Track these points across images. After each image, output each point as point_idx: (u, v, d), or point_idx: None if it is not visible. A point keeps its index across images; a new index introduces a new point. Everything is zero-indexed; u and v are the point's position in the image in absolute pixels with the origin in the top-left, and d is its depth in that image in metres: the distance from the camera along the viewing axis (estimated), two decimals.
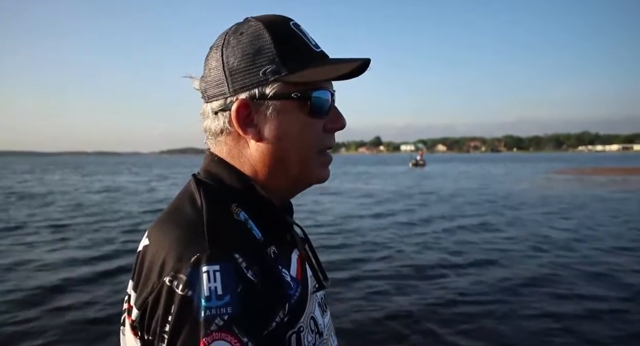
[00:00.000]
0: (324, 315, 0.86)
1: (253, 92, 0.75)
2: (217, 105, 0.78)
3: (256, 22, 0.77)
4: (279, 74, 0.74)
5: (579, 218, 12.50)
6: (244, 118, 0.76)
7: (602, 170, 40.16)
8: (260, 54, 0.74)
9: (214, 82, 0.78)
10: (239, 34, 0.77)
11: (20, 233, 10.82)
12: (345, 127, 0.82)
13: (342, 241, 9.67)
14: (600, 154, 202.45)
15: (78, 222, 12.54)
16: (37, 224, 12.06)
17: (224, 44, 0.77)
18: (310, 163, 0.80)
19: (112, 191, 23.19)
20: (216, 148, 0.81)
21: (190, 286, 0.62)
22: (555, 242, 9.42)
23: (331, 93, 0.80)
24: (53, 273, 7.10)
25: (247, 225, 0.74)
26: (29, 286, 6.37)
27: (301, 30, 0.79)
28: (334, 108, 0.81)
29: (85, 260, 7.94)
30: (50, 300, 5.83)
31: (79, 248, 9.10)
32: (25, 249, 9.03)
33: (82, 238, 10.09)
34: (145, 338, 0.68)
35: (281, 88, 0.75)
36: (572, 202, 16.51)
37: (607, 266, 7.32)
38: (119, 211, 14.84)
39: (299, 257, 0.83)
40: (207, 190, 0.76)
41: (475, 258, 8.02)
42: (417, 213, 13.90)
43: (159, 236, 0.72)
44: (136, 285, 0.72)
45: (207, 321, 0.60)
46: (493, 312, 5.35)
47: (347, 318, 5.13)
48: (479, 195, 19.33)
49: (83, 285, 6.51)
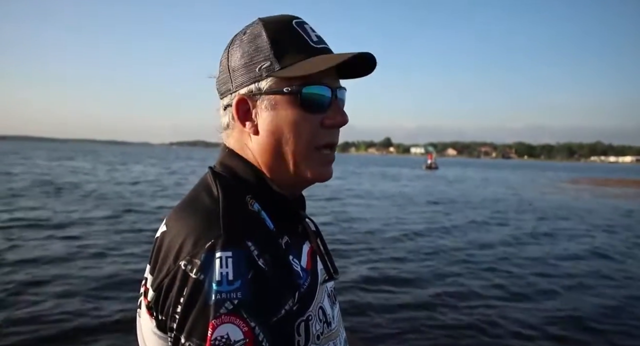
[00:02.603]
0: (334, 306, 0.89)
1: (250, 88, 0.79)
2: (226, 101, 0.83)
3: (258, 21, 0.81)
4: (273, 70, 0.77)
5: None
6: (244, 113, 0.81)
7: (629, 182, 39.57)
8: (257, 51, 0.78)
9: (223, 80, 0.83)
10: (243, 34, 0.81)
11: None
12: (346, 124, 0.82)
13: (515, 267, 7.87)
14: (615, 165, 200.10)
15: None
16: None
17: (231, 43, 0.82)
18: (305, 158, 0.80)
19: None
20: (227, 141, 0.86)
21: (203, 270, 0.65)
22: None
23: (333, 89, 0.80)
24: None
25: (260, 216, 0.76)
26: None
27: (303, 28, 0.80)
28: (335, 104, 0.81)
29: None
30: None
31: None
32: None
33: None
34: (159, 319, 0.72)
35: (275, 83, 0.77)
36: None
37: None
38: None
39: (309, 249, 0.86)
40: (222, 181, 0.79)
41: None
42: (515, 226, 12.33)
43: (177, 223, 0.75)
44: (153, 269, 0.75)
45: (217, 305, 0.63)
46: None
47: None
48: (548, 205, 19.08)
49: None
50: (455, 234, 10.87)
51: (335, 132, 0.83)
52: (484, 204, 17.89)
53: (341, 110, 0.82)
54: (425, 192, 22.89)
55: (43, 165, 33.30)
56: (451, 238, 10.34)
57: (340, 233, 10.23)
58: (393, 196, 20.06)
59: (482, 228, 11.91)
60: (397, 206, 16.29)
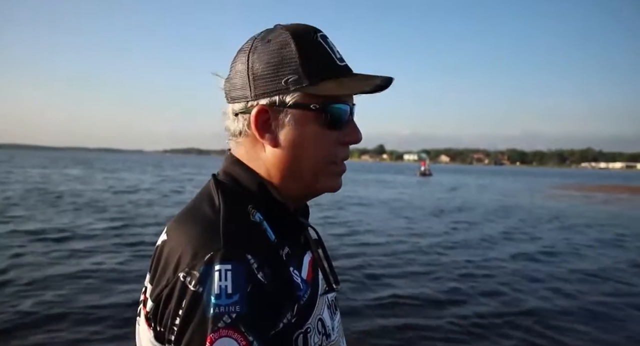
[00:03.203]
0: (334, 317, 0.88)
1: (274, 99, 0.77)
2: (239, 107, 0.80)
3: (284, 31, 0.78)
4: (300, 84, 0.75)
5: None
6: (262, 123, 0.78)
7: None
8: (284, 63, 0.76)
9: (238, 84, 0.80)
10: (267, 41, 0.78)
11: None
12: (360, 142, 0.83)
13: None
14: (604, 172, 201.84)
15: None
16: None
17: (252, 49, 0.79)
18: (322, 173, 0.81)
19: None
20: (236, 149, 0.84)
21: (201, 283, 0.65)
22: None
23: (350, 106, 0.81)
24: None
25: (262, 226, 0.76)
26: None
27: (327, 43, 0.80)
28: (351, 121, 0.82)
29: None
30: None
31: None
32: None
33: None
34: (157, 330, 0.71)
35: (301, 98, 0.76)
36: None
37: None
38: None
39: (311, 259, 0.85)
40: (225, 190, 0.78)
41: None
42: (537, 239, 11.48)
43: (177, 232, 0.74)
44: (152, 278, 0.74)
45: (216, 318, 0.62)
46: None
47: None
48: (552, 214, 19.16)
49: None
50: (474, 247, 10.55)
51: (348, 147, 0.84)
52: (496, 214, 17.44)
53: (357, 128, 0.83)
54: (425, 200, 22.87)
55: (37, 174, 32.91)
56: (456, 251, 10.16)
57: (343, 243, 10.11)
58: (394, 203, 19.99)
59: (507, 242, 11.13)
60: (404, 217, 16.02)
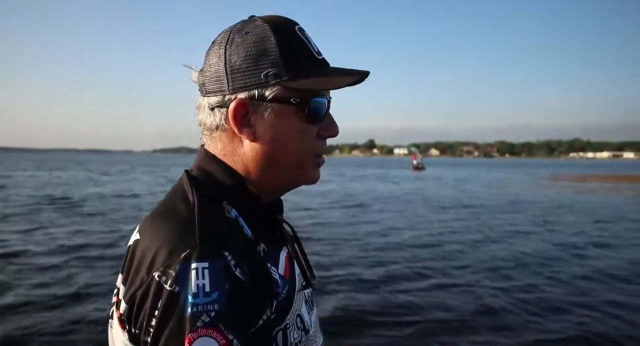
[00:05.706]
0: (311, 313, 0.87)
1: (252, 92, 0.75)
2: (215, 101, 0.78)
3: (262, 23, 0.77)
4: (280, 78, 0.75)
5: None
6: (241, 117, 0.76)
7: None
8: (263, 56, 0.75)
9: (214, 77, 0.78)
10: (244, 33, 0.77)
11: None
12: (337, 135, 0.84)
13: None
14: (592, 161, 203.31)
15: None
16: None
17: (228, 41, 0.77)
18: (303, 166, 0.81)
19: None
20: (211, 145, 0.82)
21: (178, 282, 0.63)
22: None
23: (328, 100, 0.81)
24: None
25: (237, 223, 0.75)
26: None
27: (305, 36, 0.79)
28: (329, 115, 0.82)
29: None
30: None
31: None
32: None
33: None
34: (132, 332, 0.69)
35: (281, 92, 0.75)
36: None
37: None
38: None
39: (287, 254, 0.84)
40: (199, 186, 0.76)
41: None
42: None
43: (151, 231, 0.72)
44: (125, 279, 0.72)
45: (194, 317, 0.61)
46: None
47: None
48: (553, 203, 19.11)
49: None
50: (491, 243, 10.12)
51: (326, 140, 0.85)
52: (504, 208, 16.77)
53: (334, 121, 0.84)
54: (428, 195, 22.91)
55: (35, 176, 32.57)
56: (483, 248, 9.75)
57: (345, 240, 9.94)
58: (406, 196, 19.77)
59: (525, 236, 10.70)
60: (441, 211, 15.49)
